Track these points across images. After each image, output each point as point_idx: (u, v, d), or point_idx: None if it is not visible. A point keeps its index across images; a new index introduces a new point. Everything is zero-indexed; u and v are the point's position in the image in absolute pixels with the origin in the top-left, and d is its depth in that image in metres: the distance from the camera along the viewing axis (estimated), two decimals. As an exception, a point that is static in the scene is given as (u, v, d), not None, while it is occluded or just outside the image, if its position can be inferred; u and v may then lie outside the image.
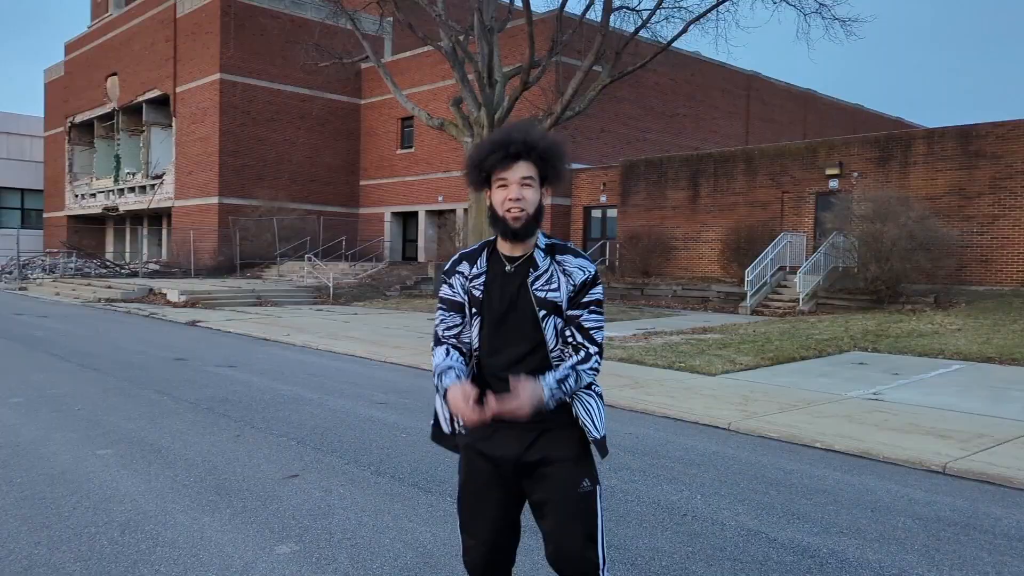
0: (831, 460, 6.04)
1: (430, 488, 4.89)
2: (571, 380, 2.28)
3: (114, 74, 39.65)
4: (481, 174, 2.34)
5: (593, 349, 2.35)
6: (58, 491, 4.71)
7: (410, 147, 34.20)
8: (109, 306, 20.58)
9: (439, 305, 2.47)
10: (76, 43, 43.89)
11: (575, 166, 29.02)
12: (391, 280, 26.39)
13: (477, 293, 2.39)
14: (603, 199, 28.18)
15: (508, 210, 2.29)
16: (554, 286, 2.35)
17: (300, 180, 34.65)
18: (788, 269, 21.24)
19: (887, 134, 21.53)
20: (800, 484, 5.29)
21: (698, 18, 21.18)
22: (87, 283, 25.90)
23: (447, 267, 2.46)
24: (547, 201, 2.29)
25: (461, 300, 2.42)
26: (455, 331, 2.42)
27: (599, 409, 2.41)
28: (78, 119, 43.45)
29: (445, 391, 2.29)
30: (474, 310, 2.39)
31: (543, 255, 2.38)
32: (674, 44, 22.18)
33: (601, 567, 2.33)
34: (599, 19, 21.64)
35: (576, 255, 2.41)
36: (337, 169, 36.00)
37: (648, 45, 23.71)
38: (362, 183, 36.61)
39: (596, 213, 28.84)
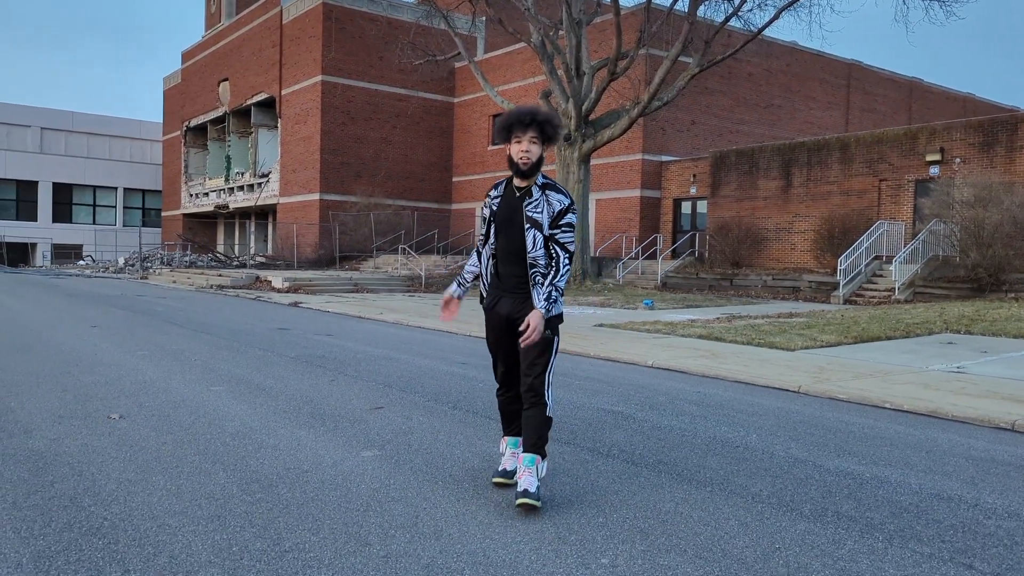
0: (898, 417, 6.13)
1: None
2: (554, 293, 3.48)
3: (225, 79, 42.12)
4: (506, 134, 3.55)
5: (564, 255, 3.51)
6: (180, 412, 5.42)
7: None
8: (219, 291, 22.10)
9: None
10: (191, 52, 46.84)
11: (664, 158, 28.99)
12: (481, 271, 27.06)
13: (495, 208, 3.68)
14: (693, 191, 28.03)
15: (520, 158, 3.51)
16: (539, 209, 3.54)
17: (396, 177, 35.92)
18: (884, 258, 20.66)
19: (991, 118, 20.63)
20: (859, 432, 5.45)
21: (790, 4, 20.88)
22: (200, 272, 27.78)
23: (487, 193, 3.77)
24: (636, 194, 2.99)
25: (488, 216, 3.70)
26: (484, 238, 3.75)
27: (551, 298, 3.48)
28: (193, 123, 46.34)
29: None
30: (492, 220, 3.68)
31: (538, 189, 3.57)
32: (768, 33, 21.98)
33: (546, 387, 3.55)
34: (687, 9, 21.64)
35: (559, 192, 3.56)
36: (431, 166, 37.11)
37: (740, 34, 23.51)
38: (454, 179, 37.59)
39: (686, 205, 28.71)
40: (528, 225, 3.53)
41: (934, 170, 21.14)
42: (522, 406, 3.61)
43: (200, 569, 2.79)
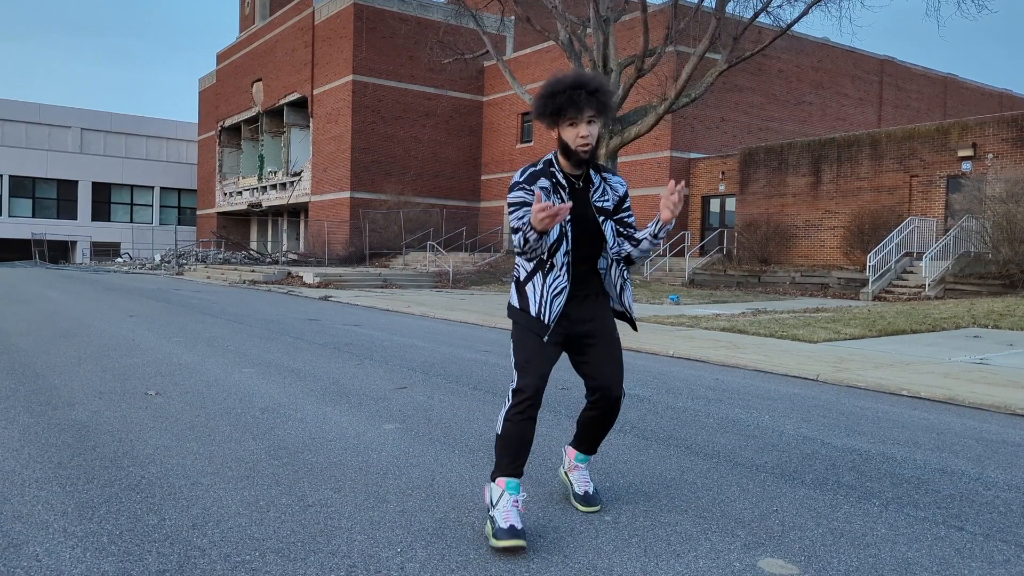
0: (914, 403, 6.19)
1: (519, 399, 5.53)
2: (648, 244, 3.06)
3: (259, 80, 42.83)
4: (555, 117, 2.89)
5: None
6: (212, 390, 5.68)
7: (529, 141, 35.09)
8: (252, 286, 22.58)
9: (515, 207, 2.90)
10: (226, 53, 47.67)
11: (693, 155, 28.94)
12: (508, 267, 27.30)
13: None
14: (721, 188, 27.95)
15: (580, 146, 2.88)
16: (606, 197, 3.06)
17: (425, 175, 36.27)
18: (915, 255, 20.46)
19: (1025, 112, 20.33)
20: (872, 416, 5.54)
21: (819, -1, 20.73)
22: (233, 269, 28.36)
23: (523, 179, 2.93)
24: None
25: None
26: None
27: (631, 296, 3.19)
28: (227, 123, 47.16)
29: (531, 214, 2.73)
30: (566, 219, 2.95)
31: (596, 175, 3.06)
32: (798, 29, 21.83)
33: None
34: (715, 5, 21.61)
35: (613, 174, 3.13)
36: (459, 164, 37.41)
37: (769, 30, 23.41)
38: (483, 177, 37.84)
39: (714, 202, 28.63)
40: (602, 217, 3.02)
41: (966, 166, 20.88)
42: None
43: (230, 519, 3.00)
